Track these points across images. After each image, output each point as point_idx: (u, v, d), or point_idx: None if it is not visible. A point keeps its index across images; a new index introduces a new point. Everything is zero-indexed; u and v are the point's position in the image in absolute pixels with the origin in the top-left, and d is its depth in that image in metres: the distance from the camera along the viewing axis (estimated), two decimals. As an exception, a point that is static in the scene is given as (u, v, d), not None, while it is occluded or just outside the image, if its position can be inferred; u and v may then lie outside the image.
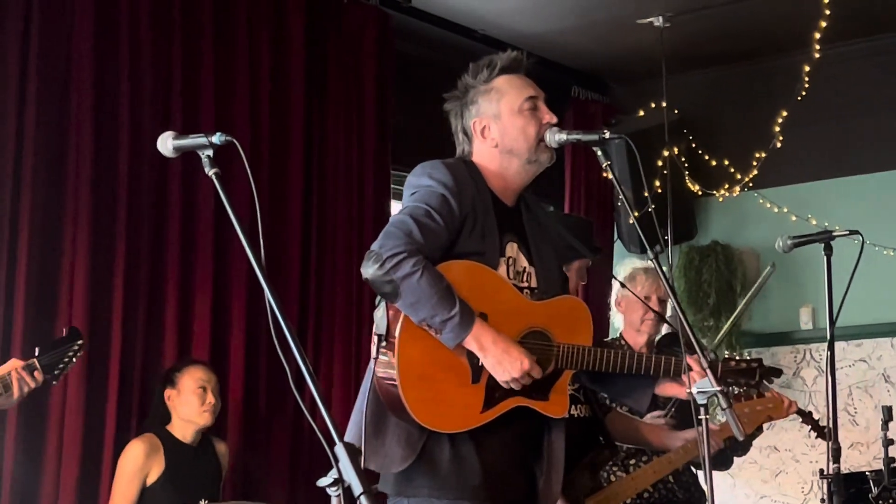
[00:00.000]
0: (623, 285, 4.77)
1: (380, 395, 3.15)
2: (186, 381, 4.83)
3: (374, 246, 3.12)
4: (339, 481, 2.20)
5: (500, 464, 3.25)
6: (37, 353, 3.93)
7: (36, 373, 3.87)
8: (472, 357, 3.14)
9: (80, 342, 4.06)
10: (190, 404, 4.81)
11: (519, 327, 3.21)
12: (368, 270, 3.08)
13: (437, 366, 3.12)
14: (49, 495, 4.71)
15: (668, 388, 3.49)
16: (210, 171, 2.53)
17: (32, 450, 4.70)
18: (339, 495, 2.21)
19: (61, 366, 4.00)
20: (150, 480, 4.70)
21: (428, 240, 3.12)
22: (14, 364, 3.86)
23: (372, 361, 3.15)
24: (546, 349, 3.24)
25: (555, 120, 3.35)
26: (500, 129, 3.34)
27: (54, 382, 4.02)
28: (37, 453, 4.71)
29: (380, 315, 3.14)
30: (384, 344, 3.12)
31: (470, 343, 3.10)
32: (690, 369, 3.26)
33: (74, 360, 4.05)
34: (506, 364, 3.10)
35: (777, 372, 3.66)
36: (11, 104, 4.67)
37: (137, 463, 4.68)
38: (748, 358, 3.65)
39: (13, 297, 4.63)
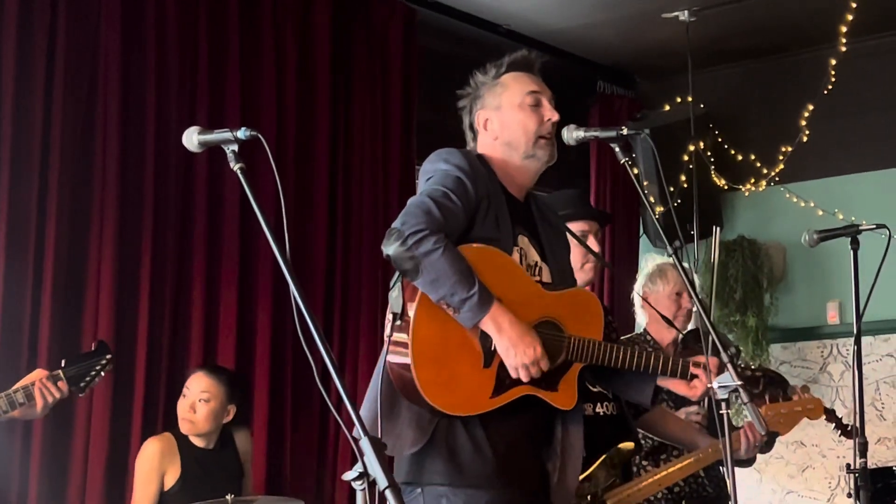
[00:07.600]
0: (642, 297, 4.72)
1: (391, 377, 3.15)
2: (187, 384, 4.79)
3: (396, 224, 3.13)
4: (364, 475, 2.21)
5: (514, 453, 3.23)
6: (63, 365, 3.93)
7: (60, 383, 3.86)
8: (485, 341, 3.13)
9: (108, 356, 4.05)
10: (179, 407, 4.77)
11: (532, 315, 3.20)
12: (390, 247, 3.09)
13: (451, 347, 3.12)
14: (75, 501, 4.73)
15: (674, 385, 3.46)
16: (235, 166, 2.53)
17: (58, 456, 4.73)
18: (364, 489, 2.21)
19: (88, 379, 3.98)
20: (168, 483, 4.65)
21: (447, 219, 3.13)
22: (39, 374, 3.86)
23: (386, 340, 3.15)
24: (558, 340, 3.23)
25: (556, 118, 3.35)
26: (500, 121, 3.35)
27: (80, 395, 4.01)
28: (63, 459, 4.74)
29: (395, 295, 3.13)
30: (398, 323, 3.12)
31: (487, 324, 3.09)
32: (696, 377, 3.31)
33: (102, 374, 4.04)
34: (518, 348, 3.09)
35: (783, 384, 3.64)
36: (38, 100, 4.69)
37: (153, 462, 4.64)
38: (755, 367, 3.63)
39: (40, 300, 4.65)
